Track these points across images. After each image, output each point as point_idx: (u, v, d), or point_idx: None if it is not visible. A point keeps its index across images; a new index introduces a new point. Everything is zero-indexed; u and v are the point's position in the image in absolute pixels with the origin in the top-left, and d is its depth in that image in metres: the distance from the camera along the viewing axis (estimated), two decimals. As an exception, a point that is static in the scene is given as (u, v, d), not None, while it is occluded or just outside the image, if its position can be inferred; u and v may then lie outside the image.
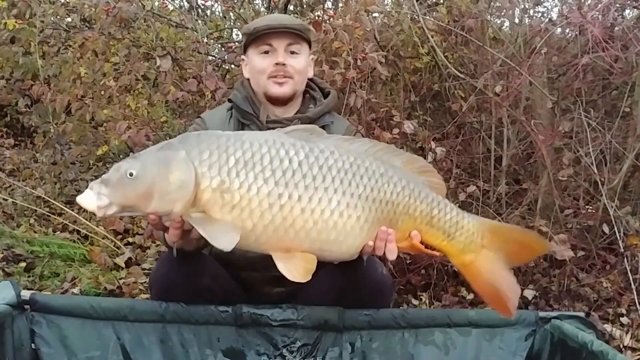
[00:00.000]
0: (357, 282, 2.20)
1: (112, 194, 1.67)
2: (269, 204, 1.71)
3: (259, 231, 1.73)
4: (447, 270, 3.64)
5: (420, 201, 1.90)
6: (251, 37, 2.28)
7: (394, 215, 1.87)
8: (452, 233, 1.94)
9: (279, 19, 2.33)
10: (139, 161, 1.72)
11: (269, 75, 2.25)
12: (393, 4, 4.82)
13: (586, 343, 1.98)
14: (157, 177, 1.68)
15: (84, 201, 1.67)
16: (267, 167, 1.73)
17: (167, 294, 2.16)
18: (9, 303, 2.01)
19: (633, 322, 3.35)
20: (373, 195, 1.83)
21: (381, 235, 1.86)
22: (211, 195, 1.69)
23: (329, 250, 1.81)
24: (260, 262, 2.22)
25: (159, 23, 4.33)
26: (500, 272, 1.96)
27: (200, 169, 1.70)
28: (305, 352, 2.15)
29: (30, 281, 3.73)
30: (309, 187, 1.75)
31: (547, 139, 3.63)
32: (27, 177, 5.16)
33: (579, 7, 3.90)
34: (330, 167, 1.79)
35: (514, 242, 2.00)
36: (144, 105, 4.08)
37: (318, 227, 1.75)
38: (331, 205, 1.77)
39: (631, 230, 3.58)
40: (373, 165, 1.85)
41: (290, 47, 2.25)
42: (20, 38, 4.34)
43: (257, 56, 2.28)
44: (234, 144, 1.74)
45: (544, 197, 3.78)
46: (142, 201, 1.69)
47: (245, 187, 1.70)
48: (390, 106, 3.85)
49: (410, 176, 1.92)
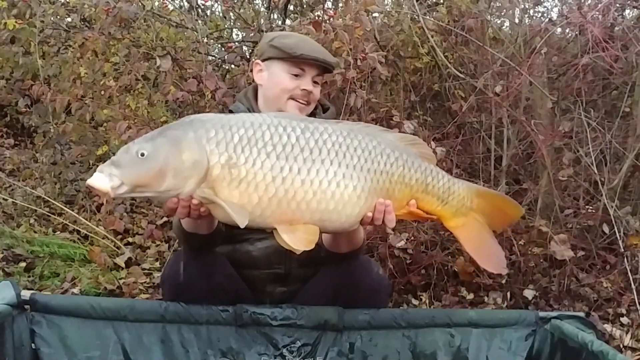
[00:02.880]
0: (353, 283, 2.22)
1: (124, 174, 1.71)
2: (272, 177, 1.80)
3: (264, 204, 1.80)
4: (447, 270, 3.65)
5: (415, 170, 2.00)
6: (288, 58, 2.28)
7: (390, 185, 1.96)
8: (446, 198, 2.05)
9: (319, 50, 2.36)
10: (150, 142, 1.77)
11: (292, 96, 2.30)
12: (393, 4, 4.82)
13: (586, 343, 1.98)
14: (170, 156, 1.74)
15: (96, 183, 1.70)
16: (268, 142, 1.82)
17: (180, 291, 2.17)
18: (9, 303, 2.01)
19: (633, 322, 3.35)
20: (367, 165, 1.92)
21: (379, 207, 1.93)
22: (220, 171, 1.77)
23: (329, 219, 1.87)
24: (262, 259, 2.24)
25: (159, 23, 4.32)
26: (486, 234, 2.12)
27: (209, 147, 1.77)
28: (305, 352, 2.16)
29: (30, 281, 3.73)
30: (307, 159, 1.84)
31: (547, 139, 3.63)
32: (27, 177, 5.16)
33: (579, 7, 3.90)
34: (325, 140, 1.88)
35: (495, 206, 2.15)
36: (144, 105, 4.08)
37: (317, 198, 1.83)
38: (328, 176, 1.85)
39: (631, 230, 3.58)
40: (366, 138, 1.95)
41: (315, 77, 2.33)
42: (20, 38, 4.33)
43: (286, 75, 2.30)
44: (236, 123, 1.83)
45: (544, 197, 3.79)
46: (156, 180, 1.74)
47: (250, 161, 1.79)
48: (390, 106, 3.85)
49: (402, 148, 2.01)
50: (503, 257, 2.18)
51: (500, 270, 2.21)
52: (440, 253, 3.58)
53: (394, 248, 3.49)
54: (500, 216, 2.17)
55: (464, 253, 3.51)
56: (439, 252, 3.58)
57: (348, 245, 2.17)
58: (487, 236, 2.12)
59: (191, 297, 2.16)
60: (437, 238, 3.64)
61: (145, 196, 1.81)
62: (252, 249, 2.27)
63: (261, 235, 2.24)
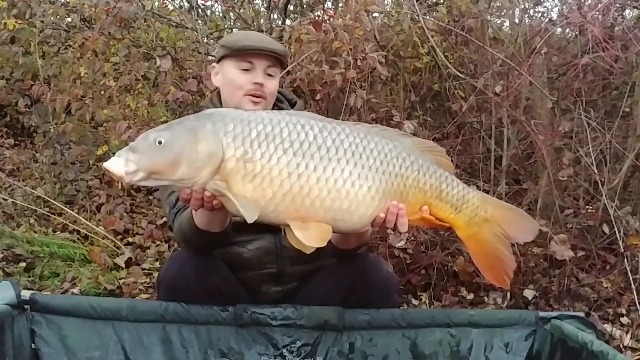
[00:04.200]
0: (363, 281, 2.22)
1: (141, 161, 1.72)
2: (287, 173, 1.80)
3: (277, 200, 1.80)
4: (447, 270, 3.65)
5: (430, 175, 2.00)
6: (234, 52, 2.29)
7: (404, 189, 1.96)
8: (460, 206, 2.04)
9: (264, 40, 2.35)
10: (168, 131, 1.79)
11: (246, 92, 2.28)
12: (393, 4, 4.82)
13: (586, 343, 1.98)
14: (186, 146, 1.76)
15: (112, 167, 1.71)
16: (285, 139, 1.83)
17: (177, 292, 2.17)
18: (9, 303, 2.01)
19: (633, 322, 3.35)
20: (382, 167, 1.92)
21: (392, 209, 1.93)
22: (235, 164, 1.78)
23: (341, 219, 1.87)
24: (255, 260, 2.25)
25: (159, 23, 4.33)
26: (499, 245, 2.08)
27: (225, 140, 1.79)
28: (305, 352, 2.16)
29: (30, 281, 3.73)
30: (323, 158, 1.84)
31: (547, 139, 3.63)
32: (27, 177, 5.15)
33: (579, 7, 3.90)
34: (342, 140, 1.89)
35: (510, 219, 2.12)
36: (144, 105, 4.08)
37: (332, 196, 1.84)
38: (344, 175, 1.85)
39: (631, 230, 3.58)
40: (382, 141, 1.95)
41: (268, 69, 2.30)
42: (20, 38, 4.34)
43: (235, 70, 2.30)
44: (255, 119, 1.84)
45: (544, 197, 3.78)
46: (170, 168, 1.75)
47: (267, 157, 1.79)
48: (390, 106, 3.86)
49: (418, 153, 2.01)
50: (511, 271, 2.11)
51: (504, 284, 2.15)
52: (440, 253, 3.59)
53: (394, 248, 3.49)
54: (515, 230, 2.12)
55: (464, 253, 3.51)
56: (439, 252, 3.59)
57: (357, 240, 2.17)
58: (498, 248, 2.08)
59: (187, 298, 2.16)
60: (437, 238, 3.64)
61: (159, 184, 1.82)
62: (243, 250, 2.26)
63: (251, 237, 2.25)
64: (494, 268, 2.11)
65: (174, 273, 2.19)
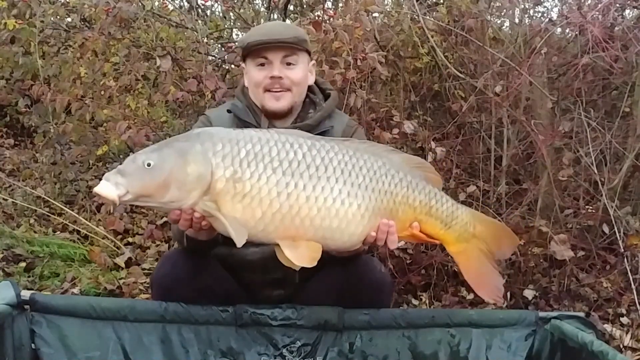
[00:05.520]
0: (356, 281, 2.21)
1: (130, 183, 1.72)
2: (277, 192, 1.80)
3: (267, 219, 1.80)
4: (447, 270, 3.64)
5: (419, 192, 2.01)
6: (246, 51, 2.26)
7: (394, 205, 1.96)
8: (449, 222, 2.05)
9: (272, 31, 2.25)
10: (156, 153, 1.78)
11: (265, 88, 2.23)
12: (393, 4, 4.81)
13: (586, 343, 1.98)
14: (175, 168, 1.75)
15: (104, 191, 1.71)
16: (274, 158, 1.83)
17: (168, 292, 2.17)
18: (9, 303, 2.01)
19: (633, 322, 3.34)
20: (372, 185, 1.92)
21: (382, 227, 1.93)
22: (224, 185, 1.78)
23: (331, 238, 1.88)
24: (259, 264, 2.24)
25: (159, 23, 4.33)
26: (486, 261, 2.12)
27: (215, 160, 1.78)
28: (305, 352, 2.16)
29: (30, 281, 3.73)
30: (312, 176, 1.84)
31: (547, 139, 3.62)
32: (27, 177, 5.15)
33: (579, 7, 3.89)
34: (332, 159, 1.89)
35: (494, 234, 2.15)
36: (144, 105, 4.08)
37: (321, 214, 1.84)
38: (333, 193, 1.86)
39: (631, 230, 3.58)
40: (371, 158, 1.95)
41: (286, 59, 2.23)
42: (20, 38, 4.33)
43: (253, 68, 2.26)
44: (243, 138, 1.84)
45: (544, 197, 3.78)
46: (159, 190, 1.75)
47: (256, 176, 1.80)
48: (390, 106, 3.85)
49: (407, 169, 2.01)
50: (501, 285, 2.18)
51: (496, 299, 2.22)
52: (440, 253, 3.58)
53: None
54: (498, 246, 2.17)
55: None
56: (439, 252, 3.58)
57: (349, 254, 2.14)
58: (487, 263, 2.13)
59: (179, 298, 2.16)
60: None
61: (148, 206, 1.82)
62: (247, 253, 2.24)
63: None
64: (485, 284, 2.15)
65: (165, 273, 2.20)
